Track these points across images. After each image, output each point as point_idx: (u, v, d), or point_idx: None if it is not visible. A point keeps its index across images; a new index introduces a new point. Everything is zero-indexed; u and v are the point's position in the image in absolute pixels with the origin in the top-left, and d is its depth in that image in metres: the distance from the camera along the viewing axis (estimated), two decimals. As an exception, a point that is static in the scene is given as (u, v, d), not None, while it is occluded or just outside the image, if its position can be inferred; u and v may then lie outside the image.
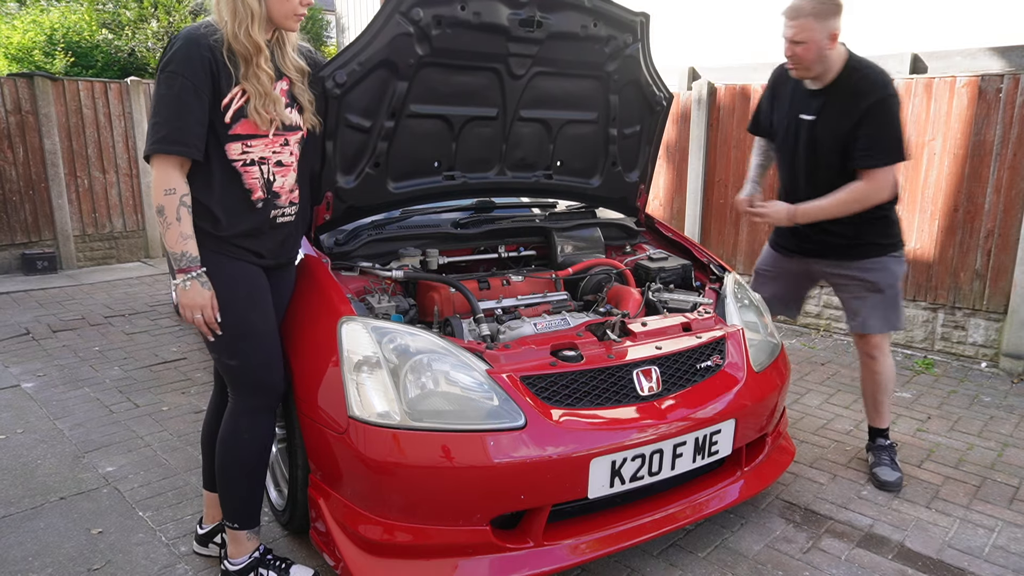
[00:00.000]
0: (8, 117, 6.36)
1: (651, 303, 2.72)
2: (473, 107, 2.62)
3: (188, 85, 1.84)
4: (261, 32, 1.90)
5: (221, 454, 2.13)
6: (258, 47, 1.90)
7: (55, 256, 6.72)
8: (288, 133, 2.04)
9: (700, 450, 2.24)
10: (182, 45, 1.86)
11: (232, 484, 2.13)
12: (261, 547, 2.21)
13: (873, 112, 2.53)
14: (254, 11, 1.88)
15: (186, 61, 1.85)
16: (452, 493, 1.94)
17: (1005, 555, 2.43)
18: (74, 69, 8.26)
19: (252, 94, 1.92)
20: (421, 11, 2.24)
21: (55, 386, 3.89)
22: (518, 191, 3.06)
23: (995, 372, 4.30)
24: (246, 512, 2.16)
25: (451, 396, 2.02)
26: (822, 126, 2.66)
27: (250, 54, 1.90)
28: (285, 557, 2.25)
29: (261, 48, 1.91)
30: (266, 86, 1.93)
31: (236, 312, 2.02)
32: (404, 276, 2.51)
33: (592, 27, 2.59)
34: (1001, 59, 4.30)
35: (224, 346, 2.04)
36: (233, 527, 2.15)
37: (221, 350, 2.06)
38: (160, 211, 1.91)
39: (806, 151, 2.73)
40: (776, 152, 2.94)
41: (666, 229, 3.31)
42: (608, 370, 2.19)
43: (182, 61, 1.85)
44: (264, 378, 2.10)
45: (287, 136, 2.03)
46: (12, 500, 2.71)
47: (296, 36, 2.07)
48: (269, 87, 1.94)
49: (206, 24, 1.92)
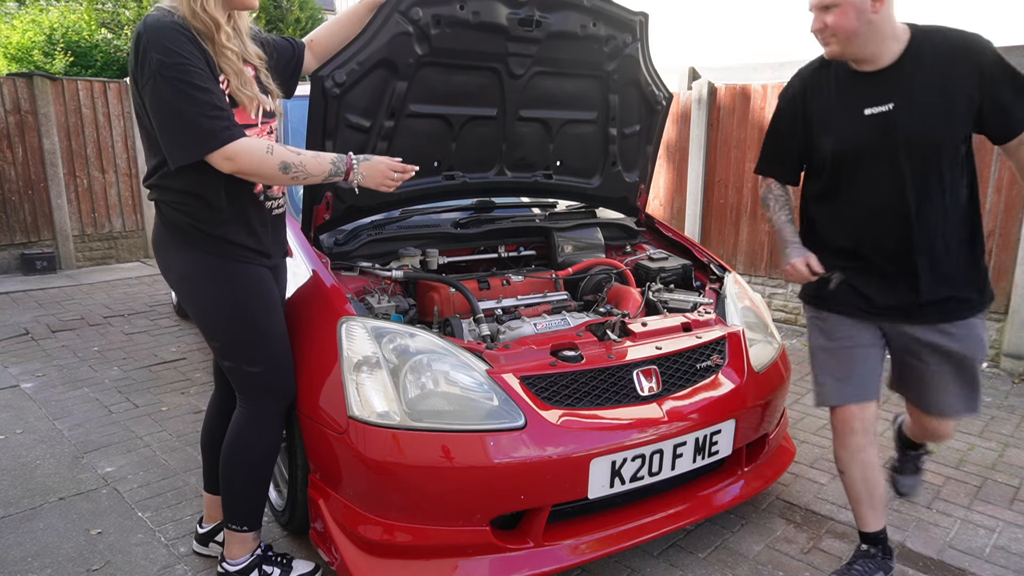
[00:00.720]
0: (7, 117, 6.35)
1: (651, 303, 2.72)
2: (473, 107, 2.62)
3: (202, 73, 1.76)
4: (218, 8, 1.81)
5: (231, 459, 2.09)
6: (217, 23, 1.80)
7: (54, 256, 6.72)
8: (270, 120, 2.02)
9: (700, 450, 2.24)
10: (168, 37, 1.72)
11: (241, 488, 2.11)
12: (262, 544, 2.20)
13: (994, 63, 1.84)
14: None
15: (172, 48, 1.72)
16: (452, 493, 1.93)
17: (1006, 555, 2.42)
18: (73, 69, 8.26)
19: (228, 73, 1.85)
20: (420, 10, 2.24)
21: (54, 386, 3.89)
22: (518, 191, 3.05)
23: (996, 372, 4.30)
24: (254, 514, 2.15)
25: (451, 396, 2.01)
26: (911, 112, 1.89)
27: (212, 31, 1.80)
28: (285, 553, 2.24)
29: (221, 24, 1.81)
30: (236, 64, 1.86)
31: (256, 317, 2.01)
32: (404, 276, 2.51)
33: (591, 27, 2.59)
34: (1001, 59, 4.28)
35: (243, 352, 2.01)
36: (241, 530, 2.13)
37: (239, 357, 2.02)
38: (285, 169, 1.83)
39: (892, 155, 1.93)
40: (825, 186, 2.09)
41: (666, 229, 3.30)
42: (608, 370, 2.19)
43: (168, 50, 1.71)
44: (282, 382, 2.09)
45: (270, 124, 2.02)
46: (11, 500, 2.71)
47: (248, 22, 2.00)
48: (239, 65, 1.87)
49: (159, 10, 1.78)
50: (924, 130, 1.89)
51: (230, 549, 2.16)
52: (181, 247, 1.96)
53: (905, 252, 1.99)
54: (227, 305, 1.98)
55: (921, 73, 1.88)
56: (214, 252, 1.95)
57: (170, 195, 1.92)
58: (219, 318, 2.00)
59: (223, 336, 2.02)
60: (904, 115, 1.90)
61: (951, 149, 1.92)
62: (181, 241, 1.96)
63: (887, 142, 1.93)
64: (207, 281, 1.97)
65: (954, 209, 1.97)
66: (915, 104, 1.89)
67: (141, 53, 1.75)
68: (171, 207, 1.93)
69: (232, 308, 1.98)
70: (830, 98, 2.03)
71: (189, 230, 1.93)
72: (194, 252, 1.95)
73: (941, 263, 1.99)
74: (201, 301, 2.00)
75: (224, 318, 1.99)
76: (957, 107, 1.87)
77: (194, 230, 1.93)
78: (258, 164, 1.81)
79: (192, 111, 1.73)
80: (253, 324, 2.00)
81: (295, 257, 2.44)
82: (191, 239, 1.94)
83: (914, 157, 1.92)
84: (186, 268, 1.98)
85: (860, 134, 1.96)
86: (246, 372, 2.04)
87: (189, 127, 1.74)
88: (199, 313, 2.02)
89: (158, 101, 1.75)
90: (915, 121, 1.89)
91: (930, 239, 1.97)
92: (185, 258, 1.97)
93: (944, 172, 1.93)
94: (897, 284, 2.03)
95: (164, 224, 1.98)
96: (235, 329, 2.00)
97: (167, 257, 2.02)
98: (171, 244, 1.98)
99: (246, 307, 1.99)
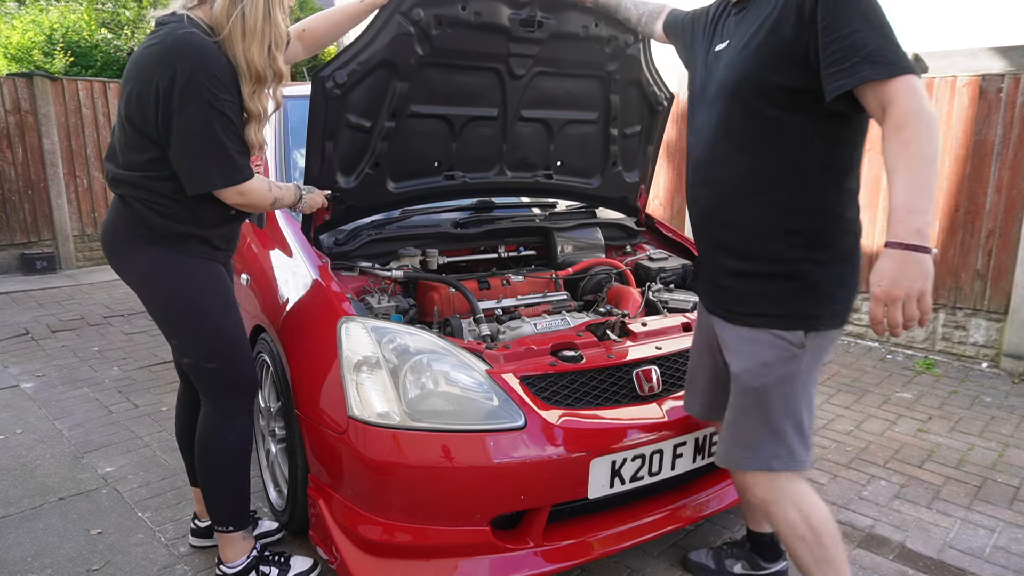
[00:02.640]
0: (7, 117, 6.35)
1: (651, 303, 2.72)
2: (473, 107, 2.62)
3: (239, 111, 1.85)
4: (262, 59, 1.86)
5: (208, 461, 2.09)
6: (282, 74, 1.92)
7: (54, 256, 6.72)
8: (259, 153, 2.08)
9: (700, 450, 2.24)
10: (218, 67, 1.78)
11: (223, 489, 2.11)
12: (258, 545, 2.20)
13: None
14: (282, 37, 1.89)
15: (221, 81, 1.78)
16: (452, 493, 1.93)
17: (1006, 555, 2.42)
18: (73, 69, 8.24)
19: (254, 116, 1.90)
20: (422, 11, 2.23)
21: (54, 386, 3.89)
22: (518, 191, 3.05)
23: (996, 372, 4.30)
24: (240, 513, 2.15)
25: (451, 396, 2.01)
26: (734, 52, 1.69)
27: (267, 79, 1.88)
28: (282, 551, 2.24)
29: (264, 78, 1.88)
30: (259, 111, 1.91)
31: (215, 315, 2.01)
32: (404, 276, 2.51)
33: (593, 27, 2.59)
34: (1002, 59, 4.29)
35: (204, 350, 2.01)
36: (227, 531, 2.13)
37: (199, 355, 2.02)
38: (273, 203, 2.02)
39: (710, 105, 1.76)
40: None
41: (666, 229, 3.30)
42: (608, 370, 2.19)
43: (218, 82, 1.77)
44: (242, 375, 2.09)
45: (259, 156, 2.06)
46: (11, 501, 2.71)
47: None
48: (261, 111, 1.92)
49: (195, 28, 1.80)
50: (740, 67, 1.73)
51: (224, 552, 2.15)
52: (145, 245, 1.94)
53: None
54: (187, 300, 1.98)
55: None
56: (178, 249, 1.95)
57: (150, 195, 1.90)
58: (179, 313, 1.99)
59: (182, 331, 2.01)
60: (729, 53, 1.78)
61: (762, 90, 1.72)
62: (146, 239, 1.93)
63: (714, 80, 1.82)
64: (170, 277, 1.96)
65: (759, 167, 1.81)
66: (742, 38, 1.74)
67: (185, 72, 1.74)
68: (146, 205, 1.90)
69: (191, 302, 1.98)
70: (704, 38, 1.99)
71: (160, 228, 1.92)
72: (159, 249, 1.94)
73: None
74: (163, 297, 1.99)
75: (184, 312, 1.99)
76: (776, 41, 1.67)
77: (165, 228, 1.92)
78: (260, 200, 1.97)
79: (230, 146, 1.83)
80: (211, 321, 2.00)
81: (295, 257, 2.44)
82: (157, 237, 1.93)
83: (726, 98, 1.77)
84: (149, 265, 1.96)
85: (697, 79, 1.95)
86: (206, 369, 2.03)
87: (224, 160, 1.83)
88: (161, 310, 2.01)
89: (198, 126, 1.78)
90: (737, 58, 1.74)
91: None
92: (149, 255, 1.95)
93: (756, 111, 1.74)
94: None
95: (130, 221, 1.94)
96: (193, 323, 1.99)
97: (126, 254, 1.99)
98: (133, 241, 1.95)
99: (205, 301, 1.99)
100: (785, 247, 1.65)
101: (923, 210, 1.40)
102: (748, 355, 1.73)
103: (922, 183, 1.40)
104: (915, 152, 1.42)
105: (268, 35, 1.84)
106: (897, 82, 1.44)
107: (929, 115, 1.44)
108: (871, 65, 1.45)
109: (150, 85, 1.78)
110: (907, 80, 1.44)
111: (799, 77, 1.56)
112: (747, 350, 1.73)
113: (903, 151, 1.43)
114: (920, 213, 1.39)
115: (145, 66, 1.80)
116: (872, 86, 1.46)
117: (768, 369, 1.70)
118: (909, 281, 1.40)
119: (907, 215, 1.40)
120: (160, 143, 1.84)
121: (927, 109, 1.44)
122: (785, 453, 1.73)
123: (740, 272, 1.74)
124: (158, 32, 1.82)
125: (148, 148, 1.86)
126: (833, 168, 1.63)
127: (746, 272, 1.73)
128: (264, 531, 2.41)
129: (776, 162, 1.64)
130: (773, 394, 1.71)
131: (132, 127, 1.87)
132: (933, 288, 1.59)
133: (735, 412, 1.80)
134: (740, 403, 1.77)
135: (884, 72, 1.44)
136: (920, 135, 1.42)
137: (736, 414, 1.79)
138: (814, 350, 1.70)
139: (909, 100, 1.43)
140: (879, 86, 1.46)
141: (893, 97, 1.45)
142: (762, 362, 1.70)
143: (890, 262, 1.42)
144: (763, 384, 1.71)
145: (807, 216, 1.63)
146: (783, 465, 1.73)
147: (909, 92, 1.44)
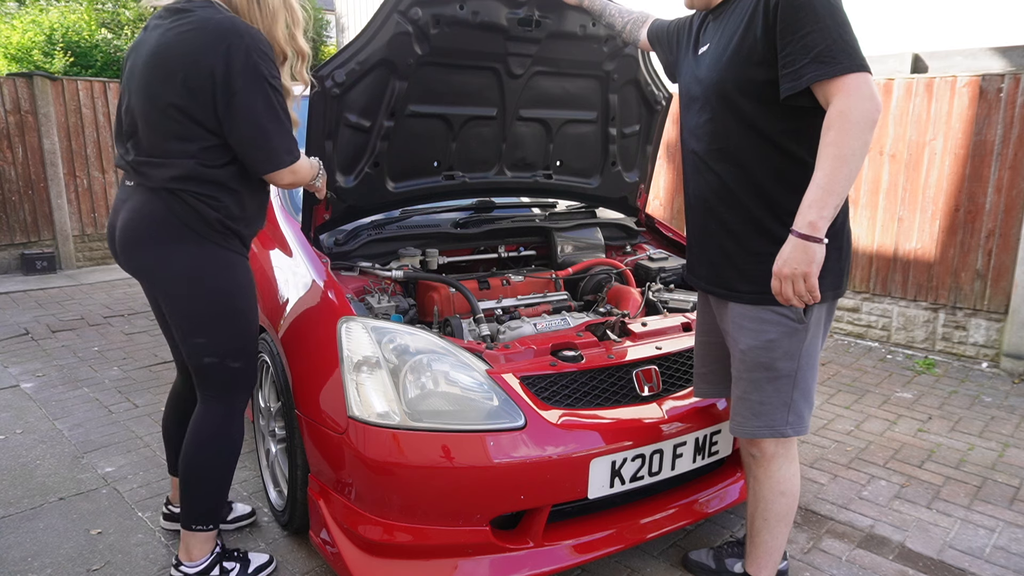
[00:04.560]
0: (7, 117, 6.35)
1: (651, 303, 2.72)
2: (472, 107, 2.62)
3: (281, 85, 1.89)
4: (300, 40, 1.96)
5: (204, 458, 2.05)
6: (305, 53, 1.97)
7: (54, 256, 6.72)
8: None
9: (700, 450, 2.24)
10: (269, 50, 1.83)
11: (213, 485, 2.09)
12: (219, 542, 2.18)
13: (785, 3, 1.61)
14: (299, 18, 1.95)
15: (271, 59, 1.84)
16: (452, 493, 1.93)
17: (1006, 555, 2.42)
18: (73, 69, 8.25)
19: (286, 95, 1.92)
20: (420, 10, 2.24)
21: (54, 386, 3.89)
22: (518, 191, 3.05)
23: (996, 372, 4.30)
24: (219, 510, 2.15)
25: (451, 396, 2.01)
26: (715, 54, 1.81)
27: (290, 57, 1.94)
28: (237, 548, 2.25)
29: (307, 54, 1.97)
30: (289, 88, 1.95)
31: (249, 314, 2.03)
32: (404, 276, 2.51)
33: (591, 26, 2.59)
34: (1002, 59, 4.29)
35: (233, 348, 2.00)
36: (207, 528, 2.10)
37: (227, 353, 1.99)
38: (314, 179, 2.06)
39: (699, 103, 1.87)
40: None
41: (666, 229, 3.30)
42: (608, 370, 2.19)
43: (269, 60, 1.82)
44: (254, 374, 2.11)
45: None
46: (11, 501, 2.71)
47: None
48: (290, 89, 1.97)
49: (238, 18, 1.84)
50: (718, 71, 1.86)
51: (190, 551, 2.10)
52: (190, 242, 1.88)
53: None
54: (228, 298, 1.96)
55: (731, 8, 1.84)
56: (224, 245, 1.93)
57: (201, 186, 1.84)
58: (218, 311, 1.95)
59: (215, 330, 1.96)
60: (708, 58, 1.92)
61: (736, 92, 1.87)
62: (195, 235, 1.87)
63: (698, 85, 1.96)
64: (215, 274, 1.92)
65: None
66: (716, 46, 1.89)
67: (240, 52, 1.75)
68: (200, 199, 1.84)
69: (231, 301, 1.97)
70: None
71: (213, 223, 1.88)
72: (209, 245, 1.89)
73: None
74: (204, 295, 1.92)
75: (223, 311, 1.96)
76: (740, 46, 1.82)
77: (219, 224, 1.89)
78: (307, 176, 2.01)
79: (287, 125, 1.88)
80: (245, 317, 2.01)
81: (295, 257, 2.44)
82: (210, 232, 1.88)
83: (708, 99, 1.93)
84: (192, 262, 1.89)
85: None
86: (228, 368, 2.00)
87: (288, 137, 1.87)
88: (198, 308, 1.93)
89: (262, 104, 1.80)
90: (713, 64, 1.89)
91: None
92: (193, 252, 1.89)
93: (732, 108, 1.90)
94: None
95: (179, 218, 1.85)
96: (229, 322, 1.98)
97: (164, 252, 1.88)
98: (178, 239, 1.87)
99: (243, 300, 2.00)
100: (781, 227, 1.74)
101: (822, 205, 1.57)
102: (753, 332, 1.85)
103: (830, 182, 1.57)
104: (832, 153, 1.56)
105: (284, 16, 1.91)
106: (838, 82, 1.56)
107: (861, 114, 1.54)
108: (817, 66, 1.57)
109: (200, 69, 1.75)
110: (848, 79, 1.55)
111: (774, 73, 1.68)
112: (752, 327, 1.85)
113: (824, 149, 1.58)
114: (818, 208, 1.58)
115: (189, 51, 1.76)
116: (817, 85, 1.60)
117: (774, 345, 1.82)
118: (796, 264, 1.61)
119: (807, 209, 1.60)
120: (214, 131, 1.82)
121: (859, 108, 1.54)
122: (795, 420, 1.89)
123: (740, 252, 1.85)
124: (189, 17, 1.79)
125: (200, 136, 1.82)
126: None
127: (746, 252, 1.84)
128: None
129: (765, 149, 1.76)
130: (781, 369, 1.84)
131: (183, 115, 1.80)
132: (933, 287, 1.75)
133: (746, 386, 1.91)
134: (750, 377, 1.89)
135: (827, 72, 1.56)
136: (844, 136, 1.55)
137: (747, 388, 1.90)
138: (816, 323, 1.84)
139: (842, 100, 1.56)
140: (823, 85, 1.58)
141: (831, 96, 1.58)
142: (768, 339, 1.82)
143: (787, 246, 1.63)
144: (771, 359, 1.84)
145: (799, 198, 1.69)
146: (794, 431, 1.90)
147: (846, 91, 1.55)
